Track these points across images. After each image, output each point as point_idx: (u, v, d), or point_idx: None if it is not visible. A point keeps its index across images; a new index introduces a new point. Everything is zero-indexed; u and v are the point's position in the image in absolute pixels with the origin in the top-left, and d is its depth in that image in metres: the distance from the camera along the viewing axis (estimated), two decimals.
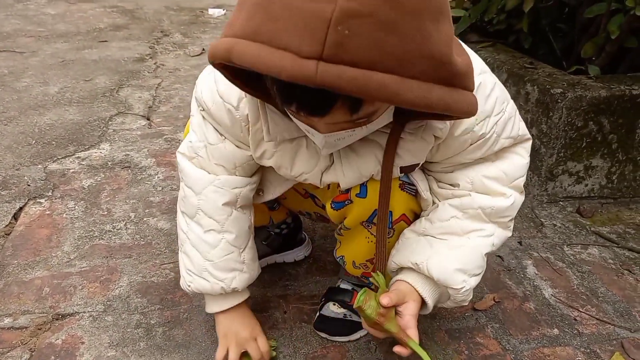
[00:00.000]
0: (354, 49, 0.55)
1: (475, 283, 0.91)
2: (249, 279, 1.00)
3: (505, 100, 0.87)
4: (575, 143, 1.53)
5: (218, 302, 1.00)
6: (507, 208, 0.90)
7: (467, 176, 0.89)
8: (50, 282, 1.21)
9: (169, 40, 3.25)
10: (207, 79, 0.88)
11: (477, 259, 0.90)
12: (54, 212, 1.47)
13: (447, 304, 0.94)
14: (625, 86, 1.51)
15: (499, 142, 0.87)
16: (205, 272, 0.95)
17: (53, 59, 2.77)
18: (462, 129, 0.83)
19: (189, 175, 0.95)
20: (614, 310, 1.19)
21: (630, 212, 1.58)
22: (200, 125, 0.92)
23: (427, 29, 0.58)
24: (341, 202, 0.94)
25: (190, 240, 0.96)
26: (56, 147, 1.83)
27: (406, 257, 0.91)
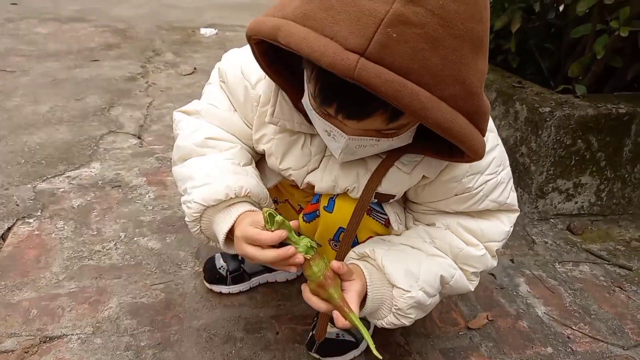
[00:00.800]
0: (397, 53, 0.56)
1: (422, 299, 0.84)
2: (257, 186, 0.90)
3: (502, 165, 0.87)
4: (564, 161, 1.55)
5: (224, 220, 0.85)
6: (476, 257, 0.88)
7: (444, 220, 0.90)
8: (38, 304, 1.18)
9: (160, 59, 3.26)
10: (235, 53, 0.93)
11: (431, 275, 0.86)
12: (42, 232, 1.45)
13: (386, 319, 0.87)
14: (612, 105, 1.54)
15: (484, 202, 0.86)
16: (205, 178, 0.87)
17: (44, 78, 2.76)
18: (451, 175, 0.83)
19: (185, 120, 0.96)
20: (607, 328, 1.19)
21: (619, 229, 1.59)
22: (216, 91, 0.96)
23: (466, 56, 0.60)
24: (312, 214, 0.95)
25: (189, 167, 0.92)
26: (46, 166, 1.82)
27: (365, 246, 0.89)
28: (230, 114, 0.95)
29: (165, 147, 2.01)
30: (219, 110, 0.95)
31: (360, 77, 0.56)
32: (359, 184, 0.85)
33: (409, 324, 0.86)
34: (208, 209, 0.87)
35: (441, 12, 0.56)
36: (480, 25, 0.61)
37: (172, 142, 2.05)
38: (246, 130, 0.94)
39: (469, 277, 0.91)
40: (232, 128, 0.96)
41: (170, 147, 2.01)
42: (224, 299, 1.22)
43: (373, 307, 0.85)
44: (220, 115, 0.95)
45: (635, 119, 1.53)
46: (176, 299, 1.21)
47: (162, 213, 1.56)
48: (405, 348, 1.11)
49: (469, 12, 0.59)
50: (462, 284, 0.90)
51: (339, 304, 0.78)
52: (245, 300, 1.22)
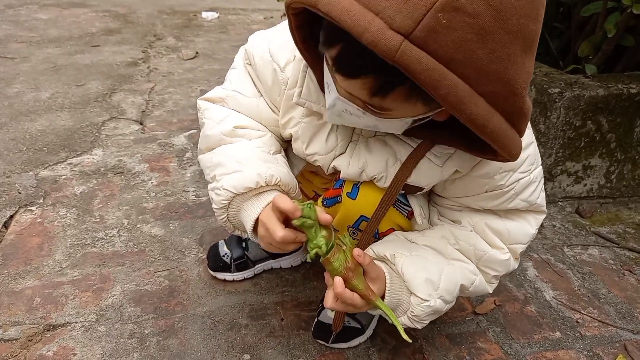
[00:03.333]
0: (443, 40, 0.53)
1: (439, 307, 0.83)
2: (287, 174, 0.88)
3: (536, 163, 0.84)
4: (574, 143, 1.52)
5: (253, 206, 0.84)
6: (500, 262, 0.87)
7: (471, 219, 0.87)
8: (42, 292, 1.18)
9: (162, 44, 3.22)
10: (262, 35, 0.90)
11: (451, 284, 0.84)
12: (45, 219, 1.44)
13: (402, 318, 0.86)
14: (623, 85, 1.50)
15: (514, 201, 0.84)
16: (236, 165, 0.85)
17: (45, 65, 2.73)
18: (484, 171, 0.80)
19: (210, 109, 0.94)
20: (616, 312, 1.17)
21: (629, 212, 1.56)
22: (241, 77, 0.94)
23: (515, 54, 0.56)
24: (333, 199, 0.92)
25: (218, 155, 0.90)
26: (47, 153, 1.80)
27: (385, 247, 0.87)
28: (256, 100, 0.92)
29: (167, 133, 1.99)
30: (244, 97, 0.93)
31: (401, 60, 0.53)
32: (387, 173, 0.82)
33: (421, 328, 0.86)
34: (237, 197, 0.85)
35: (497, 4, 0.53)
36: (535, 24, 0.58)
37: (174, 127, 2.04)
38: (272, 117, 0.92)
39: (490, 280, 0.89)
40: (258, 115, 0.93)
41: (173, 132, 1.99)
42: (228, 286, 1.21)
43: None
44: (246, 102, 0.93)
45: None
46: (180, 286, 1.21)
47: (165, 199, 1.55)
48: (411, 334, 1.09)
49: (526, 9, 0.56)
50: (482, 288, 0.89)
51: (365, 292, 0.78)
52: (250, 286, 1.21)
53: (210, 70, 2.73)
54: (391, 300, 0.83)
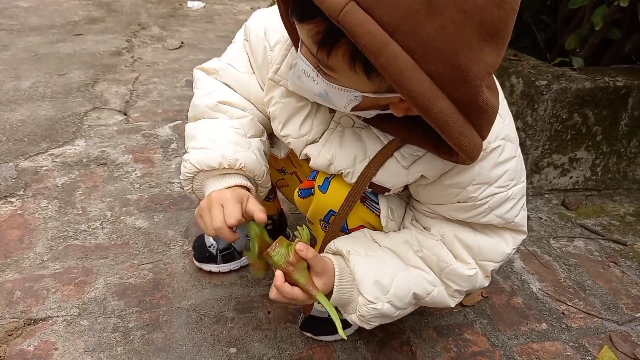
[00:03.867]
0: (390, 7, 0.52)
1: (387, 311, 0.80)
2: (255, 162, 0.87)
3: (517, 179, 0.79)
4: (560, 135, 1.52)
5: (220, 183, 0.85)
6: (463, 277, 0.83)
7: (441, 228, 0.84)
8: (22, 286, 1.15)
9: (146, 33, 3.17)
10: (263, 13, 0.91)
11: (403, 291, 0.81)
12: (25, 211, 1.41)
13: (351, 316, 0.83)
14: (609, 78, 1.51)
15: (488, 216, 0.79)
16: (206, 142, 0.86)
17: (25, 53, 2.67)
18: (455, 181, 0.77)
19: (203, 79, 0.95)
20: (602, 303, 1.18)
21: (614, 204, 1.58)
22: (238, 52, 0.94)
23: (469, 38, 0.54)
24: (307, 190, 0.92)
25: (196, 127, 0.91)
26: (28, 144, 1.76)
27: (345, 243, 0.84)
28: (248, 76, 0.93)
29: (151, 124, 1.95)
30: (236, 72, 0.93)
31: (344, 20, 0.52)
32: (355, 169, 0.81)
33: (369, 329, 0.84)
34: (201, 173, 0.86)
35: None
36: (499, 10, 0.54)
37: (159, 118, 2.01)
38: (261, 95, 0.91)
39: (452, 293, 0.85)
40: (247, 91, 0.94)
41: (157, 123, 1.96)
42: (214, 279, 1.19)
43: (338, 304, 0.83)
44: (237, 77, 0.93)
45: (632, 92, 1.50)
46: (165, 279, 1.19)
47: (149, 191, 1.52)
48: (398, 326, 1.09)
49: None
50: (441, 300, 0.85)
51: (305, 287, 0.77)
52: (236, 279, 1.20)
53: (196, 60, 2.68)
54: (341, 296, 0.80)
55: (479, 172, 0.76)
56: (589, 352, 1.04)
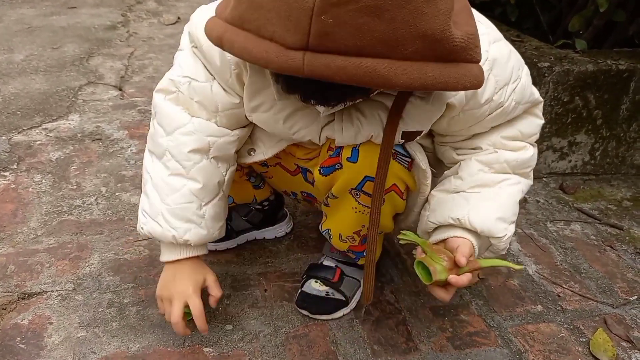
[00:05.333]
0: (340, 37, 0.54)
1: (513, 230, 0.91)
2: (205, 237, 0.92)
3: (520, 67, 0.86)
4: (561, 118, 1.51)
5: (171, 251, 0.93)
6: (529, 159, 0.91)
7: (487, 140, 0.90)
8: (16, 260, 1.14)
9: (142, 7, 3.11)
10: (205, 13, 0.82)
11: (512, 206, 0.90)
12: (19, 185, 1.39)
13: (485, 254, 0.92)
14: (612, 61, 1.49)
15: (517, 110, 0.87)
16: (159, 216, 0.89)
17: (18, 25, 2.61)
18: (483, 99, 0.81)
19: (162, 112, 0.89)
20: (597, 287, 1.18)
21: (611, 189, 1.58)
22: (188, 61, 0.87)
23: (419, 7, 0.56)
24: (331, 167, 0.89)
25: (152, 181, 0.90)
26: (21, 117, 1.73)
27: (445, 214, 0.89)
28: (209, 84, 0.86)
29: (147, 100, 1.92)
30: (198, 83, 0.86)
31: (312, 72, 0.54)
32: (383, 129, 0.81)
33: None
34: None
35: None
36: None
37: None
38: (228, 100, 0.87)
39: (528, 175, 0.93)
40: (214, 103, 0.87)
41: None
42: (210, 256, 1.18)
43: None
44: (200, 88, 0.86)
45: (634, 76, 1.49)
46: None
47: None
48: (395, 306, 1.09)
49: None
50: (527, 186, 0.94)
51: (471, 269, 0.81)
52: (232, 257, 1.19)
53: None
54: (479, 251, 0.88)
55: (496, 79, 0.81)
56: (584, 334, 1.05)
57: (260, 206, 1.20)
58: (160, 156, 0.90)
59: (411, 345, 1.00)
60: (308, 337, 1.00)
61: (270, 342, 0.98)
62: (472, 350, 1.00)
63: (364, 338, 1.01)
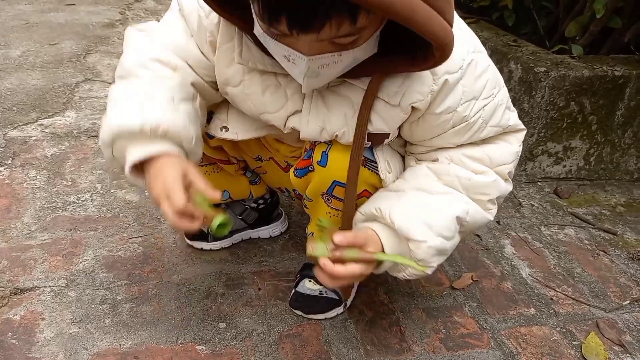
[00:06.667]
0: None
1: (441, 245, 0.80)
2: (180, 129, 0.78)
3: (497, 86, 0.82)
4: (556, 123, 1.52)
5: (142, 147, 0.76)
6: (487, 184, 0.84)
7: (447, 153, 0.85)
8: (9, 255, 1.13)
9: (140, 6, 3.10)
10: None
11: (445, 219, 0.81)
12: (13, 181, 1.38)
13: (406, 271, 0.84)
14: (608, 67, 1.50)
15: (485, 130, 0.82)
16: (126, 106, 0.78)
17: (15, 21, 2.60)
18: (445, 106, 0.79)
19: (136, 38, 0.86)
20: (590, 291, 1.19)
21: (605, 194, 1.59)
22: (175, 17, 0.86)
23: None
24: (304, 169, 0.90)
25: (117, 90, 0.83)
26: (17, 113, 1.73)
27: (372, 204, 0.85)
28: (187, 39, 0.85)
29: None
30: (176, 34, 0.85)
31: None
32: (349, 126, 0.80)
33: (431, 273, 0.84)
34: (121, 138, 0.77)
35: None
36: None
37: None
38: (201, 59, 0.85)
39: (485, 206, 0.86)
40: (186, 53, 0.85)
41: None
42: (205, 254, 1.18)
43: (390, 265, 0.83)
44: (176, 38, 0.85)
45: (630, 83, 1.50)
46: (155, 253, 1.17)
47: None
48: (389, 306, 1.09)
49: None
50: (480, 216, 0.85)
51: (361, 257, 0.75)
52: (227, 255, 1.19)
53: None
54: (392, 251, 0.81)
55: (463, 89, 0.78)
56: (576, 338, 1.05)
57: (255, 204, 1.20)
58: (125, 76, 0.84)
59: (404, 346, 1.00)
60: (301, 336, 1.00)
61: (263, 341, 0.98)
62: (465, 352, 1.00)
63: (357, 338, 1.01)
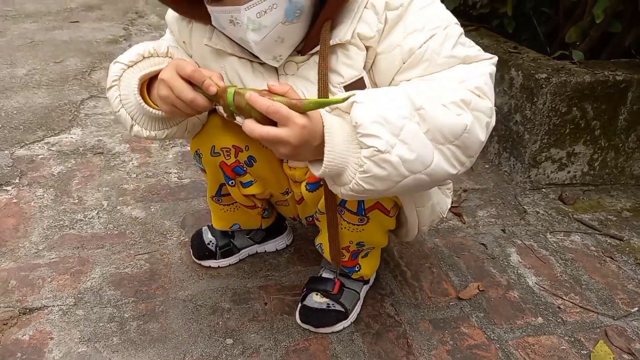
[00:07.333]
0: None
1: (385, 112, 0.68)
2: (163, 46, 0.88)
3: (446, 22, 0.79)
4: (559, 129, 1.52)
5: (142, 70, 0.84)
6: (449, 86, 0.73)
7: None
8: (17, 275, 1.14)
9: (144, 21, 3.14)
10: None
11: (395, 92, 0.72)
12: (21, 200, 1.40)
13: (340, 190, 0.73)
14: (609, 72, 1.50)
15: (439, 60, 0.76)
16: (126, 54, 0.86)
17: (21, 40, 2.64)
18: (389, 42, 0.79)
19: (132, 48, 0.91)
20: (597, 298, 1.18)
21: (611, 199, 1.58)
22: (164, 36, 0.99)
23: None
24: (316, 183, 0.91)
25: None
26: (24, 132, 1.75)
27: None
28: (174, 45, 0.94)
29: None
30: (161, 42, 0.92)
31: None
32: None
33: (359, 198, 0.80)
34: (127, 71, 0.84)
35: None
36: None
37: None
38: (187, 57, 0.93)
39: (449, 106, 0.71)
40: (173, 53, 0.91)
41: None
42: (211, 270, 1.19)
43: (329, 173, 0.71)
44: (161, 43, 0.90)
45: (631, 87, 1.50)
46: (161, 270, 1.18)
47: (146, 181, 1.51)
48: (395, 319, 1.09)
49: None
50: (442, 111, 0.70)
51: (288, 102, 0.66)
52: (233, 270, 1.19)
53: None
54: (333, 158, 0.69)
55: (404, 25, 0.78)
56: (585, 347, 1.05)
57: None
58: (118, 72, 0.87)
59: (412, 359, 1.00)
60: (308, 350, 1.00)
61: (270, 357, 0.98)
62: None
63: (364, 352, 1.01)
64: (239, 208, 1.11)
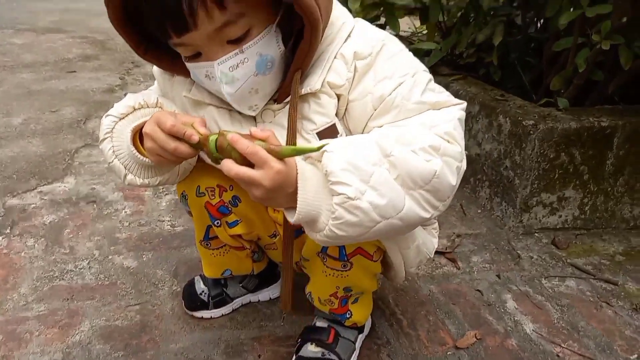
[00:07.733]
0: None
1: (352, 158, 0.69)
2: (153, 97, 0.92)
3: (414, 69, 0.82)
4: (548, 174, 1.54)
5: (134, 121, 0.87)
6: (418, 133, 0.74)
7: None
8: (4, 329, 1.12)
9: (140, 71, 3.20)
10: None
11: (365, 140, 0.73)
12: (11, 250, 1.38)
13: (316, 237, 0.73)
14: (594, 118, 1.54)
15: (409, 106, 0.78)
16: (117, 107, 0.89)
17: (18, 89, 2.68)
18: (360, 90, 0.81)
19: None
20: (596, 345, 1.17)
21: (603, 243, 1.59)
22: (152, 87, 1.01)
23: None
24: (299, 230, 0.90)
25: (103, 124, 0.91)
26: (17, 181, 1.75)
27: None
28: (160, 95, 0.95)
29: None
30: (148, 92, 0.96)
31: None
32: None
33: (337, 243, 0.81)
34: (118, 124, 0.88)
35: None
36: None
37: None
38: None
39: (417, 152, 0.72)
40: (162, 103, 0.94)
41: None
42: (203, 321, 1.17)
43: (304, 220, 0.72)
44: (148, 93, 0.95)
45: (617, 133, 1.54)
46: (152, 321, 1.16)
47: (138, 230, 1.50)
48: None
49: None
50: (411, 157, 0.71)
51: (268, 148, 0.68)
52: (226, 321, 1.17)
53: None
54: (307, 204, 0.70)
55: (374, 73, 0.81)
56: None
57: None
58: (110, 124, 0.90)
59: None
60: None
61: None
62: None
63: None
64: (228, 251, 1.10)
